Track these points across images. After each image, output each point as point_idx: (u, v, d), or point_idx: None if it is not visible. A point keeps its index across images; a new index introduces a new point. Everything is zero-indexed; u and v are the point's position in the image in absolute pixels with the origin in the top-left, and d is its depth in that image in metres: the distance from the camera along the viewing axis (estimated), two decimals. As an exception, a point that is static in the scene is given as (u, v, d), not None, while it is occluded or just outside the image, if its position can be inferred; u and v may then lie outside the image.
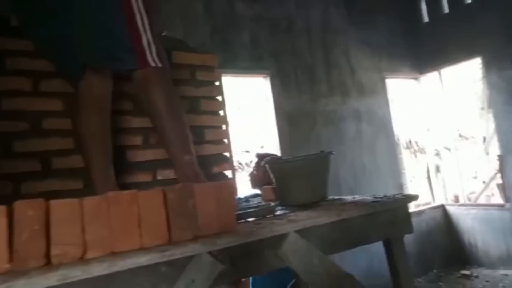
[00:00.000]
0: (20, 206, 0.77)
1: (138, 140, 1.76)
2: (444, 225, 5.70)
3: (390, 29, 5.62)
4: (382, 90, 5.44)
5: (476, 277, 5.02)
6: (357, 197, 1.69)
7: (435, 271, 5.36)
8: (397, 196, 1.57)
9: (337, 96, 4.89)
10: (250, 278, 2.62)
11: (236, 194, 2.20)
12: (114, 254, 0.87)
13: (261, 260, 1.12)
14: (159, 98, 1.36)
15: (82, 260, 0.83)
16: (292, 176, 1.64)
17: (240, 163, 5.21)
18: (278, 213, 1.44)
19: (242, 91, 5.64)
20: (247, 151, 5.54)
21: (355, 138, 4.99)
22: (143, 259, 0.86)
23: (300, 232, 1.20)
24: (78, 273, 0.77)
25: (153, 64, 1.35)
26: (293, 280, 2.05)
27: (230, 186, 1.10)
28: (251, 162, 3.23)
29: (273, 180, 1.72)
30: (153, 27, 1.38)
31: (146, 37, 1.36)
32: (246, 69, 4.24)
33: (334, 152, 1.70)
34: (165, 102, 1.36)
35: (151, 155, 1.77)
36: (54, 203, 0.80)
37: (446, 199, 5.94)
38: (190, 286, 0.95)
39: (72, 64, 1.46)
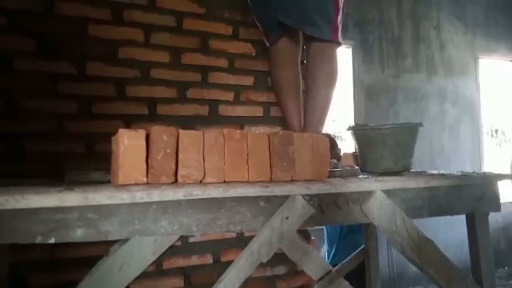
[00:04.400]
0: (157, 131, 0.92)
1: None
2: (524, 222, 5.29)
3: (489, 2, 5.10)
4: (473, 70, 5.02)
5: (553, 281, 4.65)
6: (443, 171, 1.67)
7: (506, 268, 5.05)
8: (487, 172, 1.52)
9: (422, 73, 4.63)
10: (325, 241, 2.74)
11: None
12: (226, 183, 0.99)
13: (346, 212, 1.19)
14: (326, 70, 1.57)
15: (201, 183, 0.97)
16: (377, 143, 1.65)
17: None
18: (361, 176, 1.49)
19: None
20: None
21: (437, 118, 4.72)
22: (250, 191, 0.98)
23: (386, 192, 1.24)
24: (199, 192, 0.91)
25: (340, 40, 1.57)
26: (362, 246, 2.10)
27: (326, 139, 1.17)
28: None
29: (356, 146, 1.75)
30: (344, 8, 1.59)
31: (341, 15, 1.56)
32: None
33: (423, 124, 1.69)
34: (326, 74, 1.57)
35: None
36: (183, 132, 0.94)
37: (530, 195, 5.45)
38: (284, 222, 1.06)
39: (271, 25, 1.65)
